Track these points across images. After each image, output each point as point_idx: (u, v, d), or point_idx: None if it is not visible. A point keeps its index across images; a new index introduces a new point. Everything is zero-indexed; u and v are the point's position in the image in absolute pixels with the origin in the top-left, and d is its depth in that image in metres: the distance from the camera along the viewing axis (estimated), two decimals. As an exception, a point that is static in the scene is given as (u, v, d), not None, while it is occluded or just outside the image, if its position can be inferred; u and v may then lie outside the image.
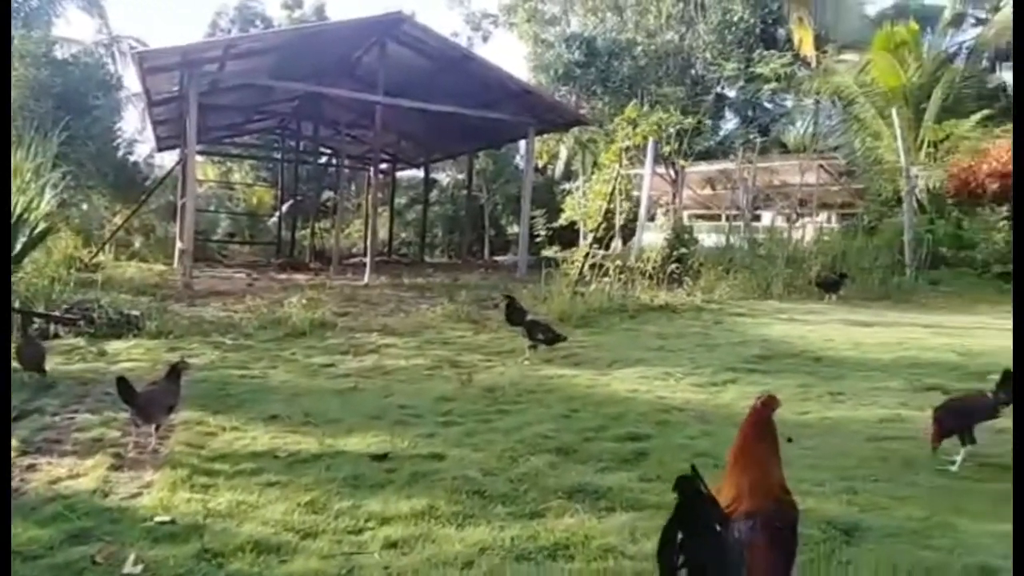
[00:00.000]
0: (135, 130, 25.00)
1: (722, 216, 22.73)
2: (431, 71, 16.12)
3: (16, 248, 7.62)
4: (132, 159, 23.40)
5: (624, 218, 15.12)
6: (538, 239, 14.65)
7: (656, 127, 14.98)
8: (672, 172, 20.92)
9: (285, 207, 23.93)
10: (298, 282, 13.96)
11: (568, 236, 17.01)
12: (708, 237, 18.03)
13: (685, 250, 14.78)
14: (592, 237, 13.50)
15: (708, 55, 20.96)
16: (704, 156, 21.38)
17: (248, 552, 2.85)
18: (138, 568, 2.71)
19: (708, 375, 6.33)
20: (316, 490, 3.51)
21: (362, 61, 16.68)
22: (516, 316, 7.78)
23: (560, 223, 16.27)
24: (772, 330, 8.98)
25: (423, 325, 9.28)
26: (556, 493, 3.51)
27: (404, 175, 28.52)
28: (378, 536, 3.04)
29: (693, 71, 21.57)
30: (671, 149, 18.21)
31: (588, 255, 12.50)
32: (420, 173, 26.49)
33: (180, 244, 15.59)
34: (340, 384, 6.03)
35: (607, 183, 14.07)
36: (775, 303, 11.62)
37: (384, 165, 23.78)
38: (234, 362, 6.74)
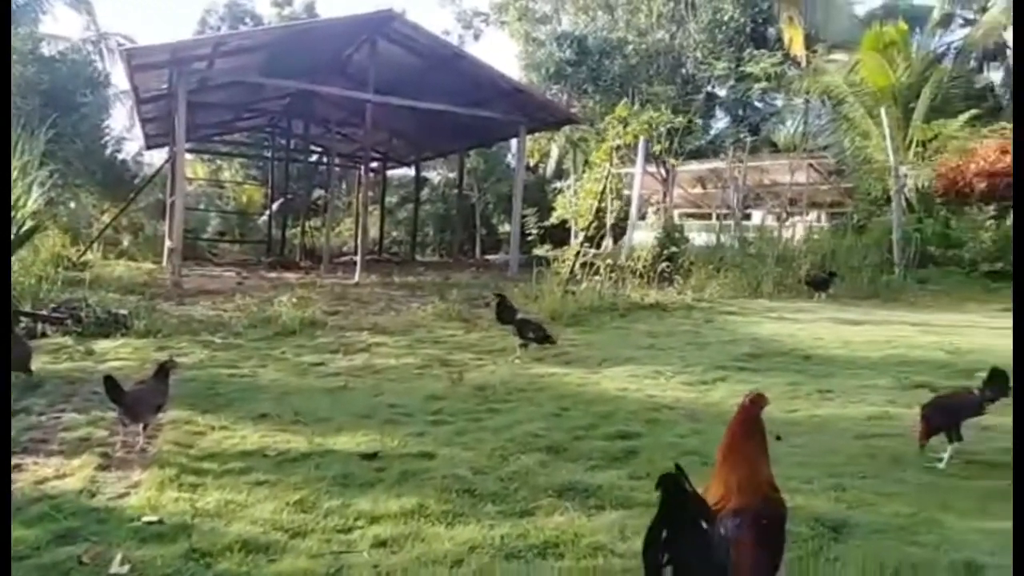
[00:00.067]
0: (123, 128, 24.83)
1: (713, 215, 22.82)
2: (422, 69, 16.08)
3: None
4: (120, 157, 23.27)
5: (615, 217, 15.14)
6: (529, 238, 14.61)
7: (647, 126, 14.98)
8: (663, 171, 20.98)
9: (275, 205, 23.82)
10: (288, 281, 13.91)
11: (559, 235, 17.01)
12: (699, 236, 18.10)
13: (676, 249, 14.82)
14: (583, 236, 13.49)
15: (699, 54, 21.01)
16: (695, 155, 21.43)
17: (236, 552, 2.84)
18: (125, 568, 2.69)
19: (698, 373, 6.36)
20: (305, 489, 3.50)
21: (353, 59, 16.62)
22: (506, 315, 7.78)
23: (551, 222, 16.28)
24: (762, 328, 9.03)
25: (414, 324, 9.27)
26: (546, 491, 3.51)
27: (395, 173, 28.47)
28: (367, 535, 3.03)
29: (684, 70, 21.61)
30: (662, 148, 18.22)
31: (579, 254, 12.51)
32: (411, 171, 26.45)
33: (169, 242, 15.50)
34: (330, 383, 6.01)
35: (598, 182, 14.08)
36: (765, 302, 11.68)
37: (375, 163, 23.73)
38: (223, 361, 6.71)
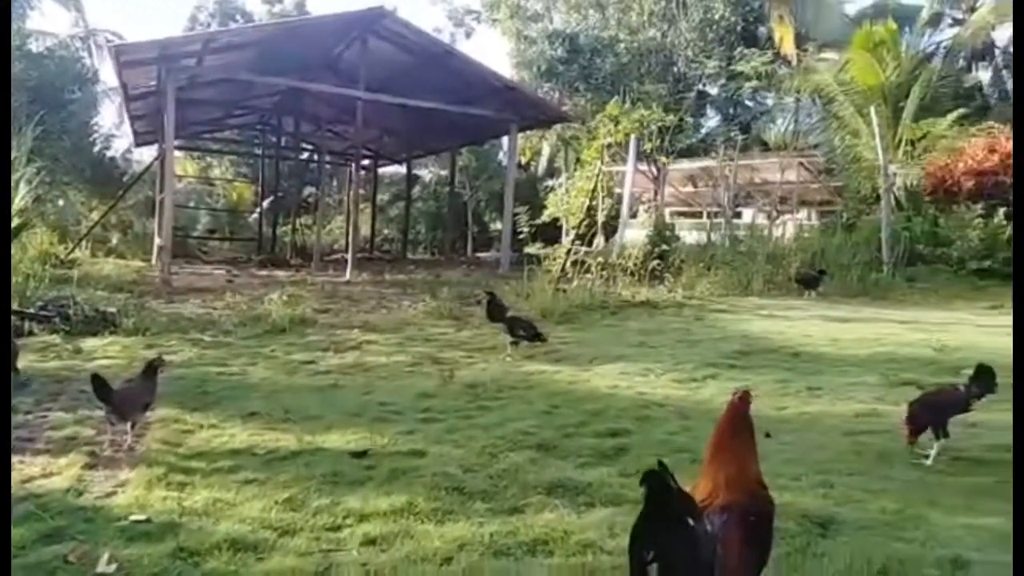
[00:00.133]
0: (112, 125, 24.68)
1: (703, 213, 22.86)
2: (413, 67, 16.04)
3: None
4: (109, 154, 23.13)
5: (606, 215, 15.17)
6: (521, 236, 14.59)
7: (638, 124, 15.00)
8: (654, 169, 21.01)
9: (266, 203, 23.74)
10: (279, 279, 13.84)
11: (551, 233, 16.99)
12: (690, 234, 18.13)
13: (667, 247, 14.85)
14: (574, 234, 13.50)
15: (690, 52, 21.04)
16: (686, 153, 21.47)
17: (224, 550, 2.82)
18: (112, 567, 2.68)
19: (688, 371, 6.37)
20: (294, 487, 3.49)
21: (343, 56, 16.56)
22: (497, 313, 7.79)
23: (543, 220, 16.28)
24: (752, 326, 9.06)
25: (405, 322, 9.26)
26: (536, 489, 3.51)
27: (386, 171, 28.41)
28: (357, 533, 3.03)
29: (675, 68, 21.63)
30: (653, 146, 18.25)
31: (570, 252, 12.53)
32: (402, 169, 26.39)
33: (158, 240, 15.41)
34: (320, 381, 6.00)
35: (589, 180, 14.08)
36: (755, 299, 11.72)
37: (366, 161, 23.66)
38: (213, 359, 6.68)
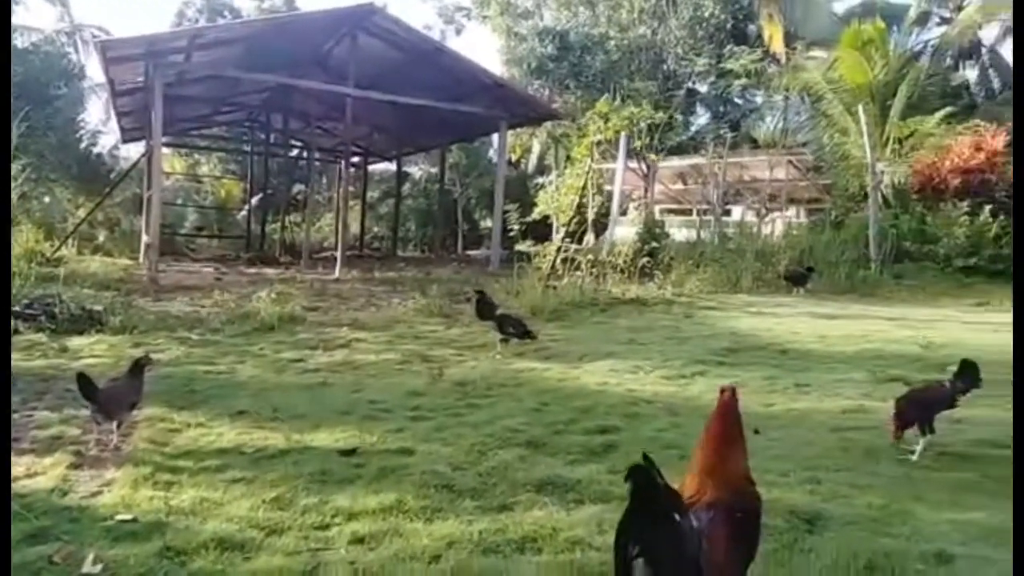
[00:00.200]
0: (99, 121, 24.55)
1: (693, 211, 22.92)
2: (403, 63, 15.99)
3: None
4: (96, 151, 22.96)
5: (596, 212, 15.20)
6: (511, 233, 14.59)
7: (628, 122, 15.05)
8: (644, 167, 21.05)
9: (255, 200, 23.62)
10: (268, 276, 13.79)
11: (542, 230, 17.02)
12: (679, 232, 18.19)
13: (656, 244, 14.89)
14: (564, 231, 13.52)
15: (679, 50, 21.06)
16: (675, 151, 21.53)
17: (211, 550, 2.81)
18: (97, 568, 2.66)
19: (677, 368, 6.39)
20: (282, 486, 3.47)
21: (333, 53, 16.48)
22: (486, 311, 7.78)
23: (533, 217, 16.29)
24: (741, 323, 9.10)
25: (394, 320, 9.24)
26: (525, 486, 3.51)
27: (376, 168, 28.32)
28: (345, 531, 3.02)
29: (665, 66, 21.65)
30: (643, 144, 18.30)
31: (560, 249, 12.54)
32: (392, 166, 26.32)
33: (146, 238, 15.30)
34: (309, 379, 5.98)
35: (579, 177, 14.13)
36: (744, 297, 11.77)
37: (356, 158, 23.57)
38: (200, 358, 6.64)
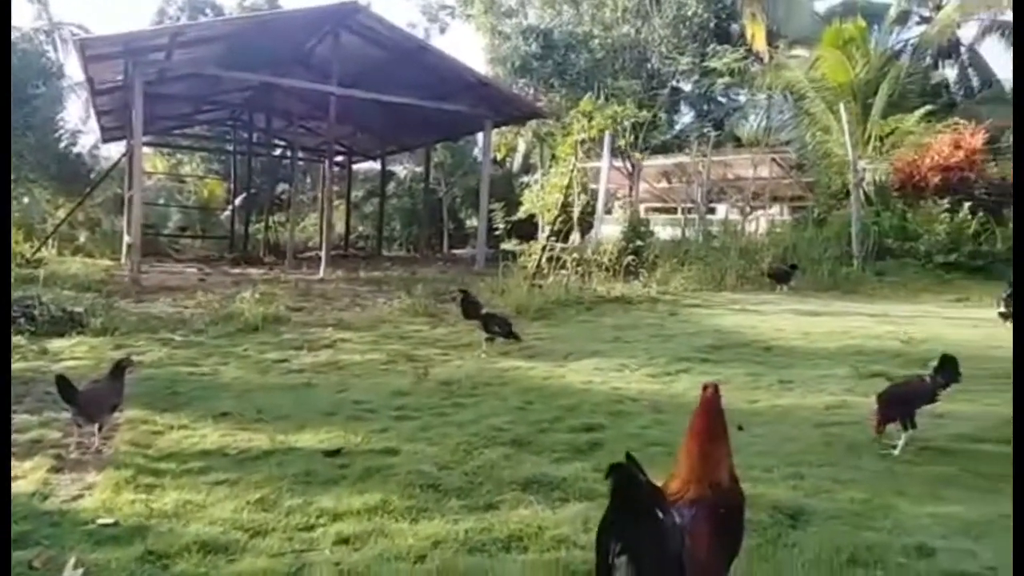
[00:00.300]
0: (79, 120, 24.14)
1: (678, 209, 23.02)
2: (386, 62, 15.91)
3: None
4: (76, 150, 22.61)
5: (581, 211, 15.22)
6: (497, 232, 14.56)
7: (612, 120, 15.07)
8: (628, 165, 21.12)
9: (238, 200, 23.41)
10: (252, 277, 13.68)
11: (527, 229, 17.00)
12: (664, 230, 18.25)
13: (641, 243, 14.92)
14: (550, 230, 13.53)
15: (663, 49, 21.13)
16: (660, 150, 21.61)
17: (194, 552, 2.79)
18: (78, 572, 2.63)
19: (662, 365, 6.42)
20: (266, 487, 3.46)
21: (315, 51, 16.37)
22: (472, 310, 7.77)
23: (519, 216, 16.28)
24: (725, 321, 9.15)
25: (379, 319, 9.21)
26: (510, 485, 3.52)
27: (361, 168, 28.16)
28: (329, 532, 3.01)
29: (649, 65, 21.72)
30: (627, 142, 18.35)
31: (545, 248, 12.55)
32: (377, 165, 26.18)
33: (128, 238, 15.13)
34: (293, 380, 5.95)
35: (564, 176, 14.13)
36: (728, 294, 11.84)
37: (340, 157, 23.45)
38: (183, 359, 6.59)
